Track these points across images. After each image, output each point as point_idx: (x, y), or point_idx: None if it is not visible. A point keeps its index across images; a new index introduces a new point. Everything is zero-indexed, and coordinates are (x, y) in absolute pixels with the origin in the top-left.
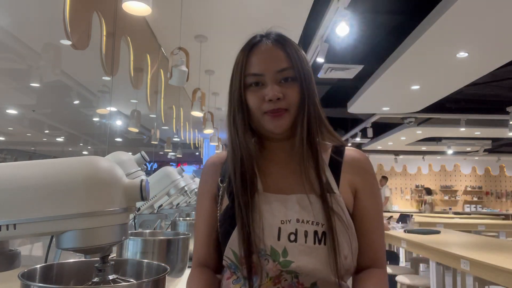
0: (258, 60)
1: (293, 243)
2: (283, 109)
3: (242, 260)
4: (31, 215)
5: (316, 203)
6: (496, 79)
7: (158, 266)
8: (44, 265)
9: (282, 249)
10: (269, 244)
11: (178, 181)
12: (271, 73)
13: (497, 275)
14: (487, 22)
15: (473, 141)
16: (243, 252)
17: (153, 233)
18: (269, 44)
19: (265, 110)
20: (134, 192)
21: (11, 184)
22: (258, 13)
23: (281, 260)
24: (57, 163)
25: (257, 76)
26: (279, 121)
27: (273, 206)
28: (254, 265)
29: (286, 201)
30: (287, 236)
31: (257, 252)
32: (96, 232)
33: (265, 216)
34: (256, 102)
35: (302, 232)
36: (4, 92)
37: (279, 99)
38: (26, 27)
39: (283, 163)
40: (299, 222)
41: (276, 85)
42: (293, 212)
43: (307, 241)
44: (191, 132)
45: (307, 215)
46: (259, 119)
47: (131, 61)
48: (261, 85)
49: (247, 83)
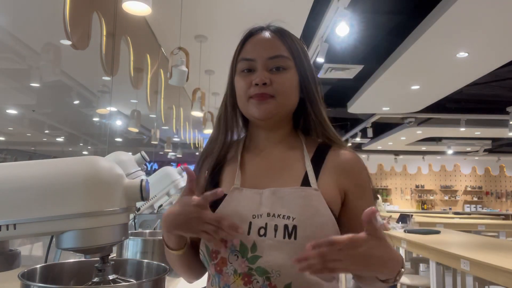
0: (251, 47)
1: (262, 238)
2: (268, 95)
3: (212, 255)
4: (31, 215)
5: (290, 196)
6: (496, 79)
7: (158, 266)
8: (44, 265)
9: (251, 244)
10: (239, 239)
11: (178, 181)
12: (263, 59)
13: (497, 275)
14: (487, 22)
15: (473, 141)
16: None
17: (153, 233)
18: (266, 33)
19: (251, 94)
20: (134, 192)
21: (11, 184)
22: (258, 13)
23: (249, 256)
24: (57, 163)
25: (248, 61)
26: (263, 105)
27: (247, 201)
28: (224, 260)
29: (261, 195)
30: (257, 230)
31: (228, 247)
32: (96, 232)
33: (238, 211)
34: (243, 86)
35: (272, 226)
36: (4, 92)
37: (265, 84)
38: (26, 27)
39: (266, 154)
40: (269, 216)
41: (266, 72)
42: (265, 206)
43: (276, 235)
44: (191, 132)
45: (279, 209)
46: (245, 105)
47: (131, 61)
48: (252, 71)
49: (238, 69)
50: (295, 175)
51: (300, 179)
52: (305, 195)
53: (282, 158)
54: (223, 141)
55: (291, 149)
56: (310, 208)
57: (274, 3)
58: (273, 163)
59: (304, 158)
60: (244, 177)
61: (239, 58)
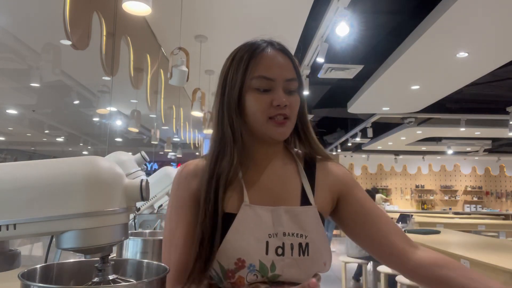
0: (269, 65)
1: (281, 257)
2: (286, 118)
3: (229, 274)
4: (31, 215)
5: (302, 215)
6: (496, 79)
7: (158, 266)
8: (44, 265)
9: (270, 263)
10: (258, 259)
11: None
12: (282, 80)
13: (497, 275)
14: (487, 22)
15: (473, 141)
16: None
17: (153, 233)
18: (277, 52)
19: (271, 115)
20: (134, 192)
21: (11, 184)
22: (258, 13)
23: (269, 275)
24: (57, 163)
25: (268, 80)
26: (282, 129)
27: (261, 219)
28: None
29: (273, 213)
30: (275, 250)
31: (246, 267)
32: (96, 232)
33: (254, 230)
34: (261, 106)
35: (288, 245)
36: (4, 92)
37: (286, 106)
38: (26, 27)
39: (265, 170)
40: (285, 236)
41: (284, 93)
42: (280, 225)
43: (293, 253)
44: (191, 132)
45: (293, 227)
46: (261, 124)
47: (131, 61)
48: (268, 91)
49: (251, 86)
50: (294, 190)
51: (298, 195)
52: (312, 214)
53: (279, 173)
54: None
55: (285, 164)
56: (316, 225)
57: (274, 3)
58: (272, 178)
59: (299, 173)
60: (249, 194)
61: (256, 75)
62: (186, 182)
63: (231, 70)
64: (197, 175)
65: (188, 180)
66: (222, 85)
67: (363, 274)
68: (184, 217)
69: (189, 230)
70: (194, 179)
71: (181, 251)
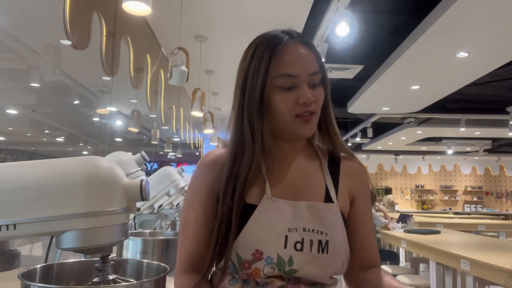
0: (292, 61)
1: (299, 252)
2: (312, 113)
3: (245, 264)
4: (31, 215)
5: (323, 212)
6: (496, 79)
7: (158, 266)
8: (44, 265)
9: (288, 257)
10: (276, 252)
11: (178, 181)
12: (305, 75)
13: (497, 275)
14: (487, 22)
15: (473, 141)
16: (250, 257)
17: (153, 233)
18: (299, 45)
19: (298, 113)
20: (134, 192)
21: (11, 184)
22: (258, 13)
23: (286, 269)
24: (57, 163)
25: (292, 77)
26: (310, 125)
27: (281, 212)
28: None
29: (294, 207)
30: (294, 244)
31: (263, 259)
32: (96, 232)
33: (273, 223)
34: (287, 105)
35: (308, 241)
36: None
37: (312, 102)
38: (26, 27)
39: (288, 165)
40: (305, 231)
41: (309, 88)
42: (300, 220)
43: (312, 250)
44: (191, 132)
45: (314, 224)
46: (288, 123)
47: (131, 61)
48: (293, 88)
49: (276, 84)
50: (318, 187)
51: (322, 192)
52: (334, 211)
53: (303, 168)
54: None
55: (309, 159)
56: (337, 224)
57: (274, 3)
58: (295, 173)
59: (323, 170)
60: (271, 187)
61: (279, 73)
62: (205, 171)
63: (251, 69)
64: (217, 165)
65: (207, 170)
66: (242, 85)
67: None
68: (199, 205)
69: (204, 218)
70: (213, 169)
71: (193, 238)
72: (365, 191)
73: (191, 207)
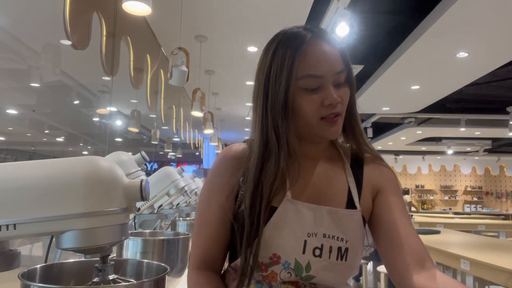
0: (316, 61)
1: (317, 258)
2: (338, 115)
3: (262, 266)
4: (31, 215)
5: (345, 218)
6: (496, 79)
7: (158, 266)
8: (44, 265)
9: (306, 263)
10: (294, 256)
11: (178, 181)
12: (330, 75)
13: (497, 275)
14: (487, 22)
15: (473, 141)
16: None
17: (153, 233)
18: (322, 42)
19: (324, 115)
20: (134, 192)
21: (11, 184)
22: (258, 13)
23: (303, 275)
24: (57, 163)
25: (317, 78)
26: (335, 127)
27: (302, 215)
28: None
29: (315, 211)
30: (312, 250)
31: (281, 263)
32: (96, 232)
33: (293, 227)
34: (312, 107)
35: (327, 248)
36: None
37: (338, 103)
38: (26, 27)
39: (310, 167)
40: (325, 237)
41: (335, 89)
42: (321, 226)
43: (330, 256)
44: (191, 132)
45: (334, 230)
46: (313, 126)
47: (131, 61)
48: (317, 89)
49: (301, 86)
50: (340, 191)
51: (345, 196)
52: (356, 218)
53: (325, 170)
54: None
55: (332, 161)
56: (358, 231)
57: (274, 3)
58: (318, 176)
59: (346, 172)
60: (292, 189)
61: (304, 74)
62: (225, 167)
63: (273, 69)
64: (238, 161)
65: (227, 166)
66: (264, 87)
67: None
68: (216, 202)
69: (219, 217)
70: (233, 166)
71: (207, 236)
72: (391, 183)
73: (208, 203)
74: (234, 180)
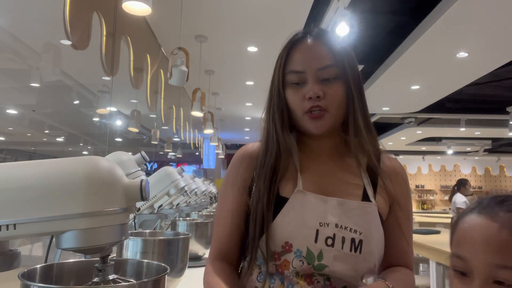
0: (299, 57)
1: (330, 248)
2: (323, 110)
3: (275, 256)
4: (31, 215)
5: (356, 209)
6: (496, 79)
7: (158, 266)
8: (44, 265)
9: (318, 252)
10: (306, 245)
11: (178, 181)
12: (312, 70)
13: None
14: (487, 22)
15: (473, 141)
16: (280, 249)
17: (153, 233)
18: (311, 40)
19: (306, 108)
20: (134, 192)
21: (11, 184)
22: (258, 13)
23: (315, 264)
24: (57, 163)
25: (298, 73)
26: (319, 122)
27: (313, 206)
28: (287, 263)
29: (326, 203)
30: (324, 239)
31: (293, 252)
32: (96, 232)
33: (304, 216)
34: (296, 101)
35: (339, 238)
36: (4, 92)
37: (319, 97)
38: (26, 27)
39: (323, 161)
40: (337, 227)
41: (318, 83)
42: (333, 216)
43: (343, 247)
44: (191, 132)
45: (347, 222)
46: (299, 119)
47: (131, 61)
48: (302, 84)
49: (287, 81)
50: (354, 185)
51: (360, 191)
52: (370, 211)
53: (338, 165)
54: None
55: (344, 157)
56: (373, 224)
57: (274, 3)
58: (331, 170)
59: (360, 168)
60: (304, 181)
61: (288, 70)
62: (238, 164)
63: (274, 67)
64: (250, 158)
65: (239, 163)
66: (271, 82)
67: None
68: (230, 198)
69: (234, 211)
70: (246, 162)
71: (225, 231)
72: (403, 194)
73: (224, 199)
74: (247, 173)
